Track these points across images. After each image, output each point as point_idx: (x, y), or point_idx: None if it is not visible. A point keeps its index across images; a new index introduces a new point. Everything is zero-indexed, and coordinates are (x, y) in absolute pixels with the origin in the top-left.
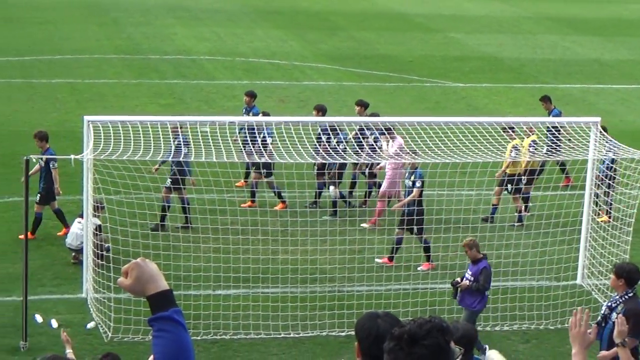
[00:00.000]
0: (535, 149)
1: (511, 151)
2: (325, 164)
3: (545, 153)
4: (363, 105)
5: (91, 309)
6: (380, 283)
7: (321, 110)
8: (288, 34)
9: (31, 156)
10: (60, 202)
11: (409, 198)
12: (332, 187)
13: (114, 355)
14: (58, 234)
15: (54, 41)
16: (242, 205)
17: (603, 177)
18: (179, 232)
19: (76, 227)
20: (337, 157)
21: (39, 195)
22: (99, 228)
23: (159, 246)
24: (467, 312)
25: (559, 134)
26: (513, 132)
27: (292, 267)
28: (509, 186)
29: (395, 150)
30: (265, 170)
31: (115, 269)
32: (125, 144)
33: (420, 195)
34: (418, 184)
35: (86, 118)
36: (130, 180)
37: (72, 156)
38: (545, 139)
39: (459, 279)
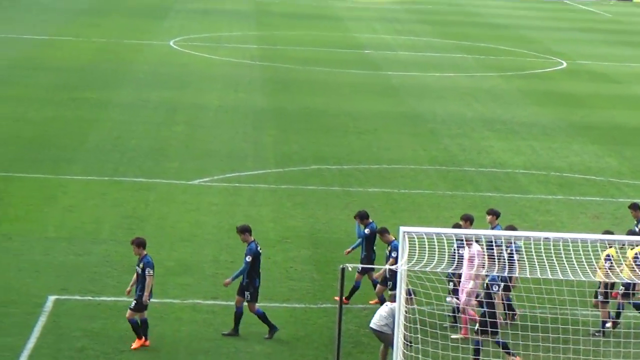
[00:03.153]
0: None
1: (605, 261)
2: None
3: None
4: (495, 214)
5: None
6: None
7: (468, 220)
8: (604, 150)
9: (347, 265)
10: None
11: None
12: (448, 298)
13: None
14: (132, 347)
15: (372, 150)
16: None
17: None
18: (490, 347)
19: (383, 309)
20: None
21: (134, 302)
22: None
23: None
24: None
25: None
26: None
27: None
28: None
29: (471, 257)
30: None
31: None
32: (440, 255)
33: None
34: (495, 289)
35: (402, 229)
36: (442, 293)
37: (387, 266)
38: None
39: None
